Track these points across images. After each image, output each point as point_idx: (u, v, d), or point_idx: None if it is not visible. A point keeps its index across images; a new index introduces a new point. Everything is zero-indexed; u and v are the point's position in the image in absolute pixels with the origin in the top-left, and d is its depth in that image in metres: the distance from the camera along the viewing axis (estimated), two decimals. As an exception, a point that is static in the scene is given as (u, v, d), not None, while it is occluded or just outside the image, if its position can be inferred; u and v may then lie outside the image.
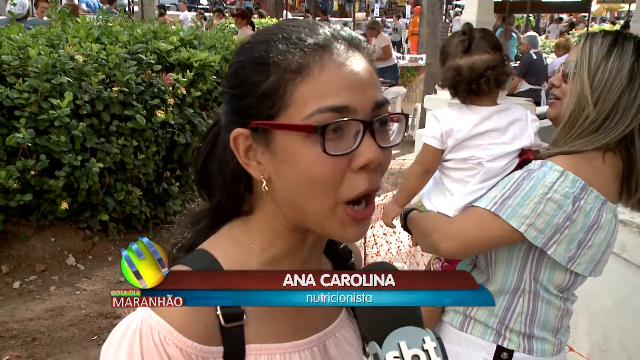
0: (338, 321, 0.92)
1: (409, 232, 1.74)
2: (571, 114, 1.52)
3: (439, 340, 0.70)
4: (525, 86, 8.04)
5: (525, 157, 1.59)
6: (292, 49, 0.75)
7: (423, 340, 0.69)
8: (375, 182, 0.76)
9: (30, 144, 3.88)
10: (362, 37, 0.82)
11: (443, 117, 1.63)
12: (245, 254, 0.83)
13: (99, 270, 4.27)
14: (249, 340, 0.80)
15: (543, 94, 7.71)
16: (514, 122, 1.60)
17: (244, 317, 0.79)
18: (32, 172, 3.90)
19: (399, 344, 0.68)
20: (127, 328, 0.74)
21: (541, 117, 1.84)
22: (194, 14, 14.25)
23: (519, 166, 1.58)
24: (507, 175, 1.55)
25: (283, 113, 0.75)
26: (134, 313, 0.76)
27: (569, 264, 1.47)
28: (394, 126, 0.81)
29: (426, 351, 0.68)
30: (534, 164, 1.52)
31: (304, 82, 0.74)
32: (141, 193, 4.54)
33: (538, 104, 6.82)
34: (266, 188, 0.79)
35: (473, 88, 1.59)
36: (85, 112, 4.11)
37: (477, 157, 1.58)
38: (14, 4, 6.59)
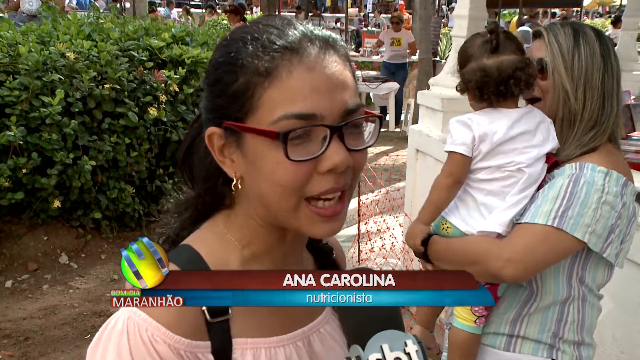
0: (322, 317, 0.92)
1: (428, 261, 1.62)
2: (563, 110, 1.51)
3: (420, 344, 0.71)
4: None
5: (554, 160, 1.52)
6: (261, 52, 0.75)
7: (405, 343, 0.71)
8: (342, 182, 0.77)
9: (21, 142, 3.85)
10: (337, 37, 0.81)
11: (473, 122, 1.52)
12: (227, 249, 0.84)
13: (92, 269, 4.25)
14: (234, 334, 0.80)
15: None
16: (540, 123, 1.52)
17: (229, 311, 0.79)
18: (24, 171, 3.88)
19: (381, 347, 0.70)
20: (113, 328, 0.74)
21: None
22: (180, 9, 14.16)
23: (548, 170, 1.52)
24: (543, 184, 1.49)
25: (252, 115, 0.76)
26: (118, 312, 0.75)
27: (616, 260, 1.47)
28: (370, 126, 0.81)
29: (408, 354, 0.70)
30: (571, 167, 1.47)
31: (272, 86, 0.74)
32: (134, 191, 4.53)
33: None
34: (239, 186, 0.81)
35: (501, 90, 1.48)
36: (76, 109, 4.09)
37: (516, 163, 1.49)
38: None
